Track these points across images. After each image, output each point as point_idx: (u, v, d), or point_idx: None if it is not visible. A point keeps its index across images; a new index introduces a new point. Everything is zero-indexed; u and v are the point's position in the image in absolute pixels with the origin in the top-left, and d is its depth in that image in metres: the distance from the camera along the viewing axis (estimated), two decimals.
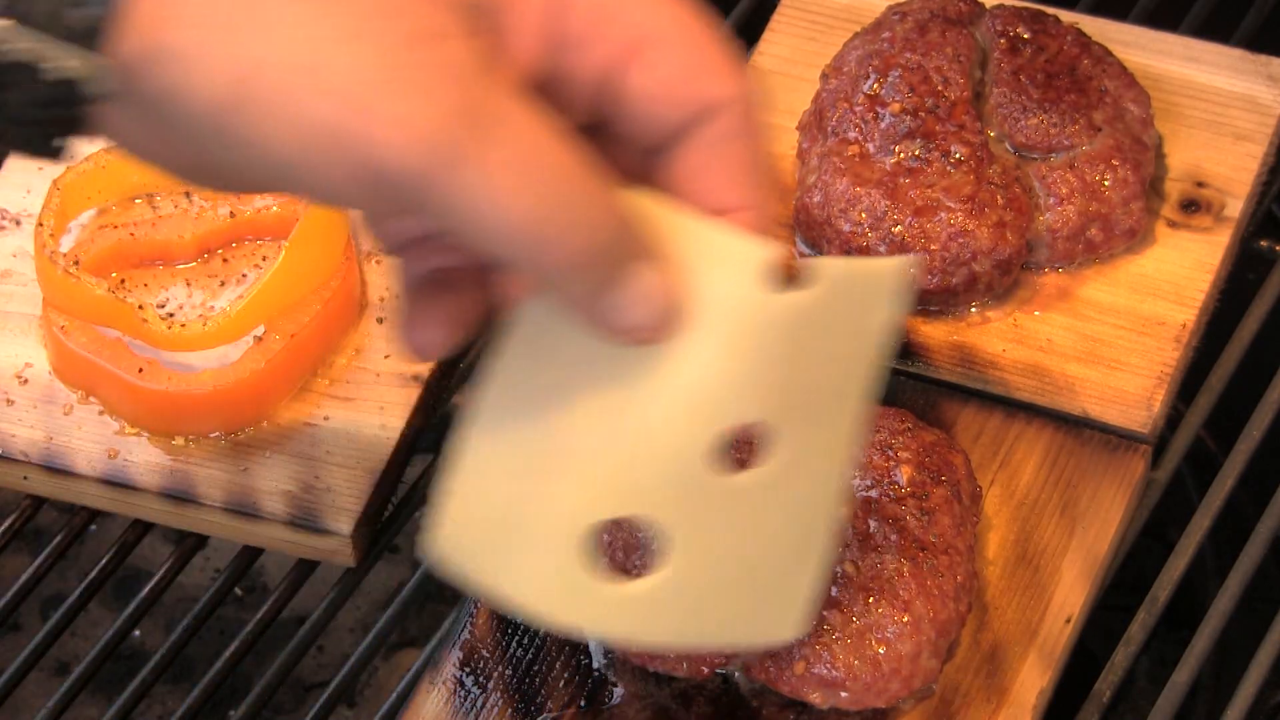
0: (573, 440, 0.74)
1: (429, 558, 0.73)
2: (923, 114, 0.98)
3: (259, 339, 0.97)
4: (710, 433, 0.74)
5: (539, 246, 0.66)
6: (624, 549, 0.82)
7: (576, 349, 0.73)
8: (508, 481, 0.74)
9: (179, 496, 0.96)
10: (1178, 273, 0.98)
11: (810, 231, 0.99)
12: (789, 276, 0.74)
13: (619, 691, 0.87)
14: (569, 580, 0.74)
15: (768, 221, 0.72)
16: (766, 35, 1.09)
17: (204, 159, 0.66)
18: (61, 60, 0.62)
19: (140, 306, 0.95)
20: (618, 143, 0.71)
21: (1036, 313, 0.97)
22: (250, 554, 0.98)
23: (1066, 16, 1.04)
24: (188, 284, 1.01)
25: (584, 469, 0.74)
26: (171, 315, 0.97)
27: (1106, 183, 0.98)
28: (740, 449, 0.76)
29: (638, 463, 0.74)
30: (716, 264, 0.72)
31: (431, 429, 1.01)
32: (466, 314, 0.73)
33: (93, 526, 1.03)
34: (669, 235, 0.71)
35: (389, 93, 0.63)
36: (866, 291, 0.76)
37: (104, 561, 0.97)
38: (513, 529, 0.74)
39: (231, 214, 1.01)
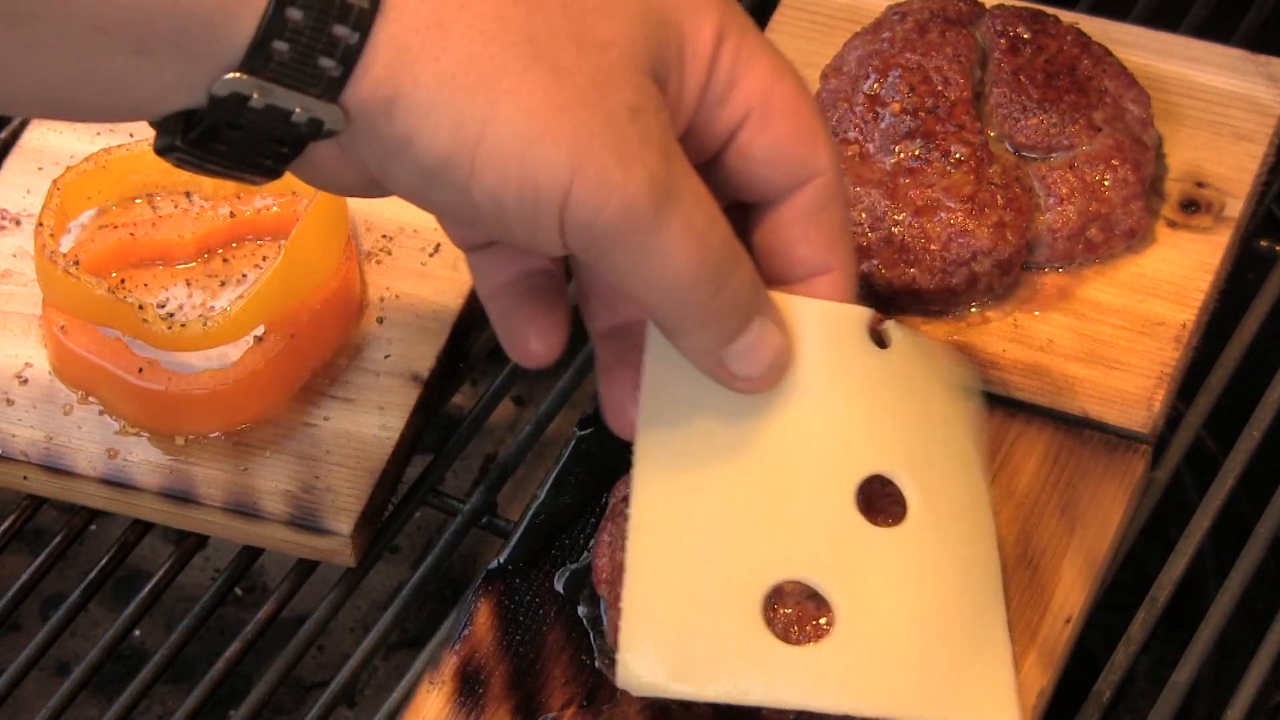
0: (725, 514, 0.80)
1: (629, 686, 0.79)
2: (923, 114, 0.98)
3: (259, 339, 0.97)
4: (849, 483, 0.80)
5: (689, 301, 0.74)
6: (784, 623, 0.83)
7: (706, 423, 0.80)
8: (680, 576, 0.79)
9: (179, 496, 0.96)
10: (1178, 273, 0.98)
11: None
12: (880, 336, 0.83)
13: (619, 691, 0.86)
14: (760, 653, 0.79)
15: (854, 283, 0.81)
16: (766, 35, 1.08)
17: (405, 190, 0.72)
18: (304, 107, 0.69)
19: (140, 306, 0.95)
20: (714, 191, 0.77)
21: (1036, 313, 0.97)
22: (250, 554, 0.98)
23: (1066, 16, 1.04)
24: (188, 284, 1.01)
25: (745, 540, 0.80)
26: (171, 315, 0.97)
27: (1106, 183, 0.98)
28: (881, 510, 0.82)
29: (791, 522, 0.80)
30: (819, 324, 0.80)
31: (431, 429, 1.01)
32: (564, 319, 0.79)
33: (93, 526, 1.03)
34: (781, 306, 0.79)
35: (602, 162, 0.70)
36: (937, 365, 0.84)
37: (104, 561, 0.97)
38: (696, 622, 0.79)
39: (231, 214, 1.01)
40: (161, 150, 0.72)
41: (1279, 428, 0.97)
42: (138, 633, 1.19)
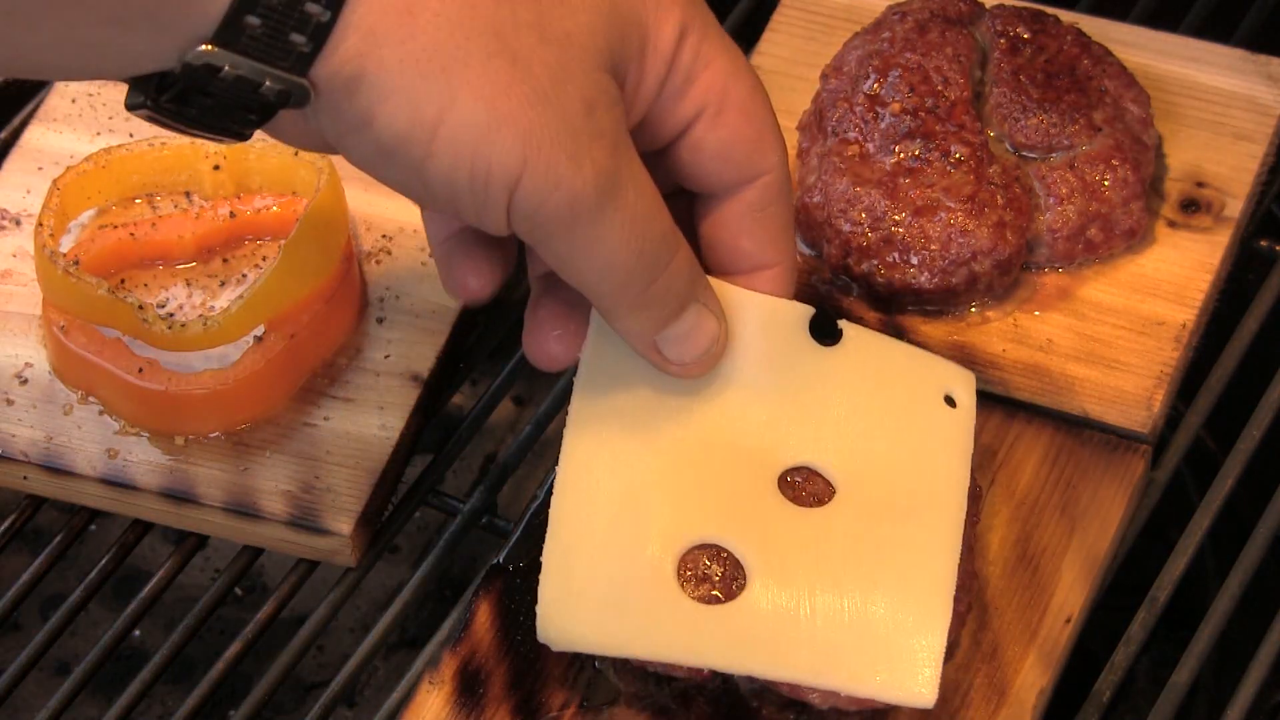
0: (648, 481, 0.83)
1: (548, 641, 0.82)
2: (923, 114, 0.98)
3: (259, 339, 0.97)
4: (772, 468, 0.83)
5: (623, 287, 0.77)
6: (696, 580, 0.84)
7: (639, 397, 0.83)
8: (599, 534, 0.82)
9: (179, 496, 0.96)
10: (1178, 273, 0.98)
11: (810, 232, 0.99)
12: (829, 332, 0.85)
13: (619, 691, 0.87)
14: (672, 612, 0.82)
15: (793, 280, 0.84)
16: (766, 35, 1.09)
17: (359, 162, 0.75)
18: (273, 79, 0.71)
19: (140, 306, 0.95)
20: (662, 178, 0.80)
21: (1036, 313, 0.98)
22: (250, 554, 0.97)
23: (1066, 16, 1.04)
24: (188, 284, 1.01)
25: (664, 505, 0.83)
26: (171, 315, 0.97)
27: (1106, 183, 0.98)
28: (807, 492, 0.85)
29: (712, 494, 0.83)
30: (760, 317, 0.84)
31: (431, 429, 1.01)
32: (503, 263, 0.82)
33: (93, 526, 1.03)
34: (723, 296, 0.83)
35: (553, 156, 0.72)
36: (897, 368, 0.86)
37: (104, 561, 0.97)
38: (612, 579, 0.82)
39: (231, 214, 1.01)
40: (131, 107, 0.73)
41: (1279, 428, 0.97)
42: (138, 633, 1.19)
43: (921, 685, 0.82)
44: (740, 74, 0.79)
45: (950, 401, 0.87)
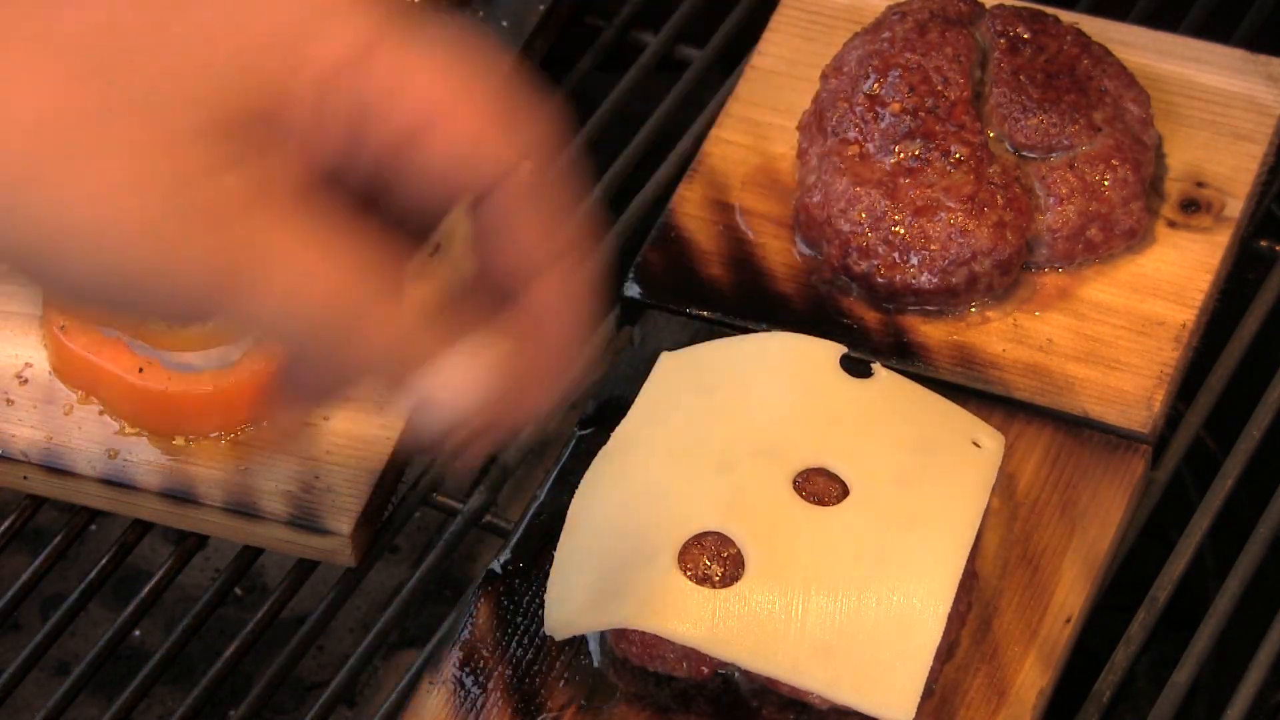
0: (664, 480, 0.85)
1: (553, 632, 0.84)
2: (922, 114, 0.98)
3: (259, 339, 0.97)
4: (790, 467, 0.85)
5: (306, 343, 0.69)
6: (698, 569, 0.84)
7: (676, 424, 0.88)
8: (609, 531, 0.85)
9: (179, 496, 0.96)
10: (1178, 273, 0.98)
11: (810, 232, 0.99)
12: (860, 368, 0.89)
13: (619, 691, 0.86)
14: (665, 585, 0.83)
15: (567, 288, 0.71)
16: (766, 35, 1.08)
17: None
18: None
19: None
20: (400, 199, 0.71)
21: (1036, 313, 0.97)
22: (250, 554, 0.97)
23: (1066, 16, 1.04)
24: None
25: (675, 499, 0.85)
26: None
27: (1106, 183, 0.98)
28: (820, 491, 0.86)
29: (724, 483, 0.85)
30: (793, 353, 0.89)
31: None
32: None
33: (93, 526, 1.03)
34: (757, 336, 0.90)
35: (175, 237, 0.65)
36: (950, 421, 0.89)
37: (104, 561, 0.97)
38: (616, 565, 0.84)
39: None
40: None
41: (1279, 428, 0.97)
42: (138, 633, 1.19)
43: (900, 701, 0.82)
44: (449, 82, 0.69)
45: (977, 446, 0.88)
